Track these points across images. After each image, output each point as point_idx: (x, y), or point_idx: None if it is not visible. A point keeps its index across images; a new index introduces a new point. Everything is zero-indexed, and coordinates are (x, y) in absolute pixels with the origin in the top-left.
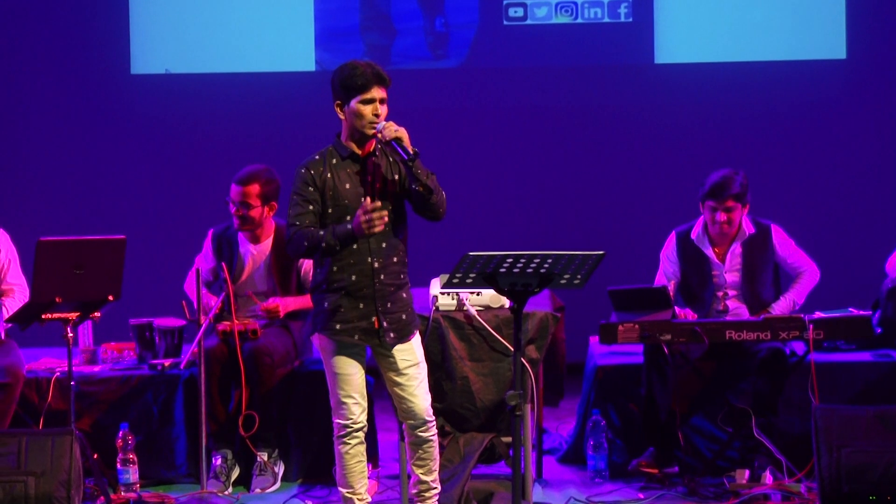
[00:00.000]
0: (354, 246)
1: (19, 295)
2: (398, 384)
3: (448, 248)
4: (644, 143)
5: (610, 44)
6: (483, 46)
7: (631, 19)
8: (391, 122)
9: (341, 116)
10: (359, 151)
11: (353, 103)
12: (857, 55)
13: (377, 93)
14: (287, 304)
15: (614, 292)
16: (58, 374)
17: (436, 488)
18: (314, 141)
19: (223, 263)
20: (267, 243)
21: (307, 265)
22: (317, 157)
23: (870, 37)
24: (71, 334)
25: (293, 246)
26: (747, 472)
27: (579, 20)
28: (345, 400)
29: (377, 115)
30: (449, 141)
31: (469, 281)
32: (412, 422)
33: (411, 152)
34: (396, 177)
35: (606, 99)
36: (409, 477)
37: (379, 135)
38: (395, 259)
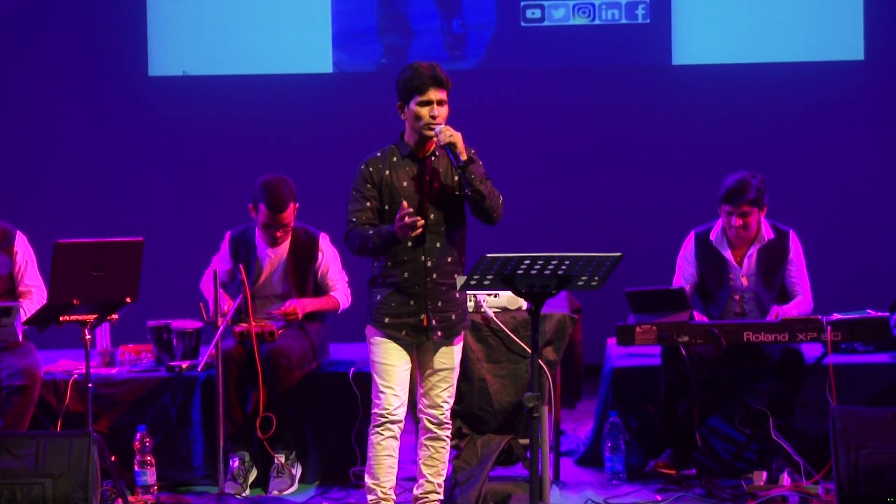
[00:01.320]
0: (409, 243)
1: (37, 297)
2: (428, 381)
3: (466, 249)
4: (661, 144)
5: (627, 45)
6: (500, 48)
7: (648, 20)
8: (447, 127)
9: (402, 117)
10: (419, 151)
11: (412, 104)
12: (874, 56)
13: (434, 94)
14: (305, 305)
15: (632, 294)
16: (75, 376)
17: (440, 494)
18: (332, 141)
19: (241, 265)
20: (284, 246)
21: (324, 267)
22: (378, 153)
23: (888, 38)
24: (88, 336)
25: (349, 243)
26: (765, 474)
27: (596, 21)
28: (383, 390)
29: (434, 117)
30: (466, 142)
31: (486, 283)
32: (431, 419)
33: (463, 159)
34: (456, 178)
35: (624, 100)
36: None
37: (435, 138)
38: (448, 259)
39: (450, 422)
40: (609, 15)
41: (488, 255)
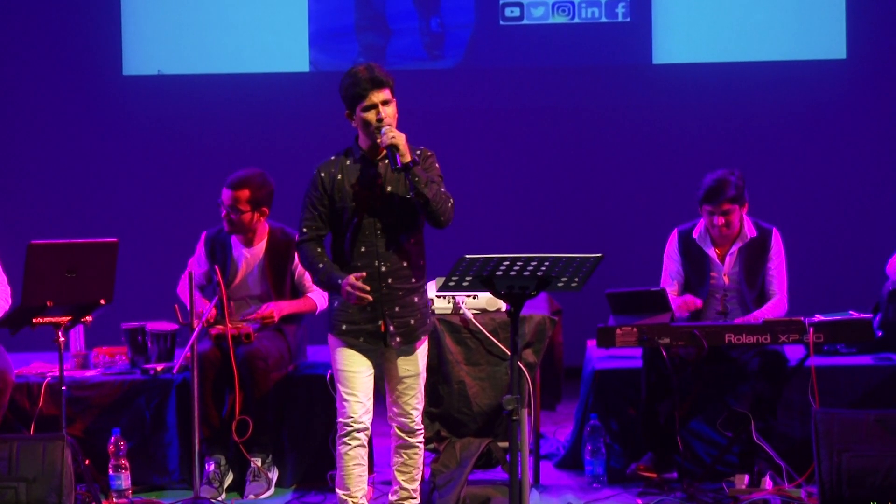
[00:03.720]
0: (363, 249)
1: (2, 293)
2: (395, 389)
3: (444, 250)
4: (641, 144)
5: (607, 44)
6: (479, 47)
7: (628, 19)
8: (391, 128)
9: (354, 125)
10: (371, 155)
11: (358, 112)
12: (857, 55)
13: (376, 97)
14: (281, 308)
15: (612, 295)
16: (49, 378)
17: (415, 499)
18: (308, 141)
19: (216, 267)
20: (260, 247)
21: (301, 268)
22: (332, 157)
23: (870, 37)
24: (62, 339)
25: (300, 256)
26: (747, 478)
27: (576, 20)
28: (347, 398)
29: (381, 119)
30: (445, 142)
31: (465, 284)
32: (402, 427)
33: (405, 161)
34: (408, 181)
35: (604, 99)
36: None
37: (379, 140)
38: (404, 263)
39: (421, 427)
40: (589, 13)
41: (467, 256)
